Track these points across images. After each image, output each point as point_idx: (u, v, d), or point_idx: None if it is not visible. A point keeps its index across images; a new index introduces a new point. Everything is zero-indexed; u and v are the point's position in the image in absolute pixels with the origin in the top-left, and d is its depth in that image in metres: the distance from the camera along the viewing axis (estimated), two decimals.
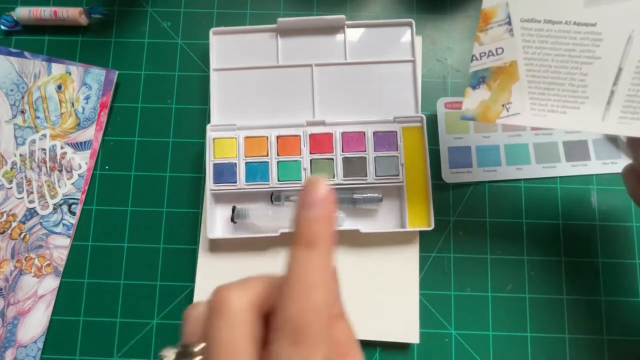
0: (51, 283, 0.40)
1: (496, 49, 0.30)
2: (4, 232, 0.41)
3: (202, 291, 0.39)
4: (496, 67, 0.30)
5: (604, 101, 0.29)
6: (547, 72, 0.29)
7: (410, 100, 0.41)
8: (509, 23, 0.29)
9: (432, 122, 0.43)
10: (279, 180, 0.39)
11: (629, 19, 0.27)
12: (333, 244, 0.20)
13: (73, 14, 0.43)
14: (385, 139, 0.40)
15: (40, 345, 0.39)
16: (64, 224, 0.41)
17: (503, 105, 0.30)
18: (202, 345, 0.20)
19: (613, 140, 0.42)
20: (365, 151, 0.40)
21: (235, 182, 0.39)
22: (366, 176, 0.39)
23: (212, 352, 0.19)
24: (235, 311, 0.19)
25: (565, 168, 0.41)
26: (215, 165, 0.40)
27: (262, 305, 0.20)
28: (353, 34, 0.42)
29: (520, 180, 0.42)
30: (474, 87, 0.30)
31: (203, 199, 0.41)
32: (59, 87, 0.43)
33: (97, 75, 0.43)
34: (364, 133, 0.40)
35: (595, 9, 0.28)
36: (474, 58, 0.30)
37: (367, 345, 0.39)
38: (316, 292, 0.18)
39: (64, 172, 0.42)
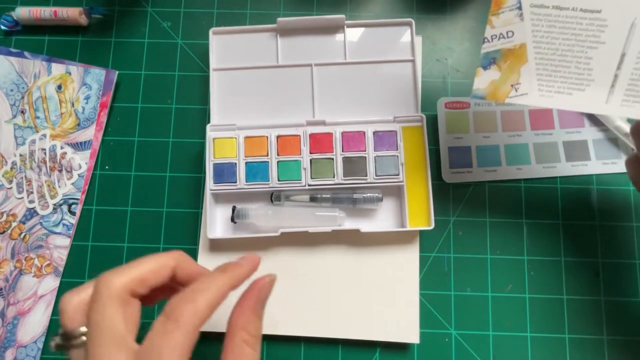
0: (51, 283, 0.40)
1: (507, 32, 0.31)
2: (4, 232, 0.41)
3: None
4: (506, 49, 0.31)
5: (608, 84, 0.30)
6: (554, 55, 0.30)
7: (410, 100, 0.41)
8: (520, 8, 0.30)
9: (432, 122, 0.43)
10: (279, 180, 0.39)
11: (632, 6, 0.29)
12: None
13: (73, 14, 0.43)
14: (385, 139, 0.40)
15: (40, 345, 0.39)
16: (64, 224, 0.41)
17: (512, 86, 0.31)
18: (84, 328, 0.23)
19: (611, 138, 0.42)
20: (365, 151, 0.40)
21: (235, 182, 0.39)
22: (366, 176, 0.39)
23: (89, 333, 0.21)
24: (109, 293, 0.22)
25: (565, 168, 0.41)
26: (215, 165, 0.40)
27: (141, 287, 0.24)
28: (353, 34, 0.42)
29: (520, 180, 0.42)
30: (484, 68, 0.32)
31: (203, 199, 0.41)
32: (59, 87, 0.43)
33: (97, 75, 0.43)
34: (364, 133, 0.40)
35: None
36: (486, 40, 0.31)
37: (367, 345, 0.39)
38: None
39: (63, 172, 0.42)
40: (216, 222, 0.40)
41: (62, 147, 0.43)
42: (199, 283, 0.24)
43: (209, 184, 0.39)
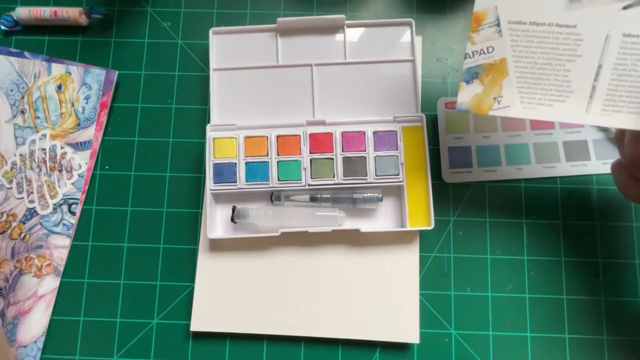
0: (51, 283, 0.40)
1: (487, 48, 0.32)
2: (4, 232, 0.41)
3: (202, 291, 0.39)
4: (487, 64, 0.32)
5: (586, 95, 0.31)
6: (534, 69, 0.32)
7: (410, 100, 0.41)
8: (498, 25, 0.32)
9: (432, 122, 0.43)
10: (279, 180, 0.39)
11: (606, 20, 0.30)
12: None
13: (73, 14, 0.43)
14: (385, 139, 0.40)
15: (41, 345, 0.39)
16: (64, 224, 0.41)
17: (495, 99, 0.32)
18: None
19: (611, 139, 0.42)
20: (365, 151, 0.40)
21: (235, 182, 0.39)
22: (366, 176, 0.39)
23: None
24: None
25: (565, 168, 0.41)
26: (215, 165, 0.40)
27: None
28: (353, 34, 0.42)
29: (520, 180, 0.42)
30: (467, 82, 0.33)
31: (203, 199, 0.41)
32: (59, 87, 0.43)
33: (97, 75, 0.43)
34: (364, 133, 0.40)
35: (575, 12, 0.30)
36: (467, 56, 0.32)
37: (367, 345, 0.39)
38: None
39: (63, 172, 0.42)
40: (216, 222, 0.40)
41: (62, 147, 0.43)
42: None
43: (209, 184, 0.39)
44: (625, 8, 0.30)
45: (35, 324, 0.40)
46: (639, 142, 0.32)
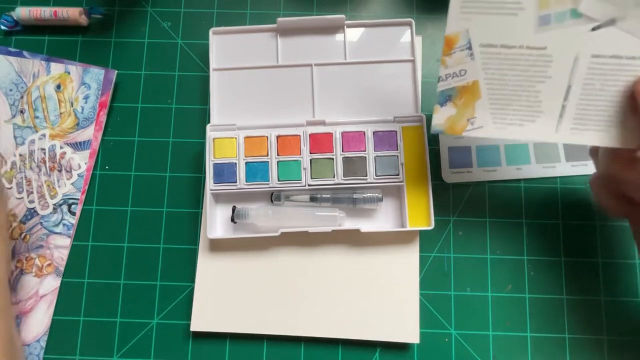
0: (52, 283, 0.40)
1: (459, 71, 0.33)
2: None
3: (202, 291, 0.39)
4: (460, 87, 0.33)
5: (556, 115, 0.32)
6: (505, 90, 0.32)
7: (410, 100, 0.41)
8: (470, 48, 0.32)
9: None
10: (279, 180, 0.39)
11: (574, 42, 0.30)
12: None
13: (73, 14, 0.43)
14: (385, 139, 0.40)
15: (43, 344, 0.39)
16: (64, 224, 0.41)
17: (468, 120, 0.33)
18: None
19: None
20: (365, 151, 0.40)
21: (235, 182, 0.39)
22: (366, 176, 0.39)
23: None
24: None
25: (565, 168, 0.41)
26: (215, 165, 0.40)
27: None
28: (353, 34, 0.42)
29: (520, 180, 0.42)
30: (441, 105, 0.34)
31: (203, 199, 0.41)
32: (58, 86, 0.43)
33: (96, 74, 0.43)
34: (364, 133, 0.40)
35: (544, 35, 0.31)
36: (441, 79, 0.33)
37: (367, 345, 0.39)
38: None
39: (63, 172, 0.42)
40: (216, 222, 0.40)
41: (61, 147, 0.43)
42: None
43: (209, 184, 0.39)
44: (593, 29, 0.30)
45: (37, 323, 0.40)
46: (611, 158, 0.33)
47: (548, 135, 0.32)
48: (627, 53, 0.30)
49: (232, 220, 0.39)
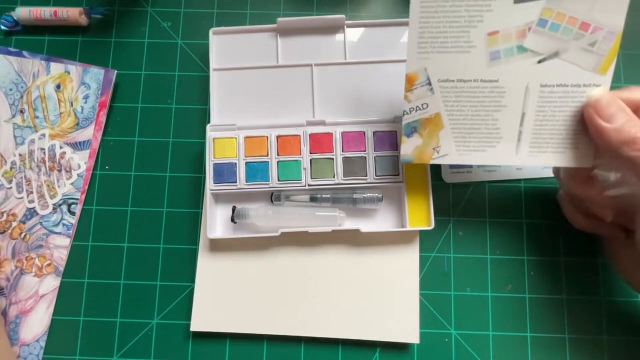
0: (52, 283, 0.40)
1: (422, 104, 0.35)
2: (5, 231, 0.41)
3: (202, 291, 0.39)
4: (424, 119, 0.35)
5: (514, 139, 0.34)
6: (465, 120, 0.35)
7: None
8: (429, 83, 0.34)
9: None
10: (279, 180, 0.39)
11: (523, 74, 0.33)
12: None
13: (73, 14, 0.43)
14: (385, 139, 0.40)
15: (43, 344, 0.39)
16: (63, 224, 0.41)
17: (434, 149, 0.36)
18: None
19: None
20: (365, 151, 0.40)
21: (235, 182, 0.39)
22: (366, 176, 0.39)
23: None
24: None
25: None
26: (215, 165, 0.40)
27: None
28: (353, 34, 0.42)
29: (520, 180, 0.42)
30: (408, 136, 0.36)
31: (203, 199, 0.41)
32: (58, 86, 0.43)
33: (95, 74, 0.43)
34: (364, 133, 0.40)
35: (496, 68, 0.33)
36: (405, 112, 0.35)
37: (367, 345, 0.39)
38: None
39: (63, 171, 0.42)
40: (216, 222, 0.40)
41: (61, 147, 0.43)
42: None
43: (209, 184, 0.39)
44: (539, 62, 0.33)
45: (37, 323, 0.40)
46: (570, 178, 0.36)
47: (509, 158, 0.35)
48: (572, 81, 0.33)
49: (232, 220, 0.39)
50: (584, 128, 0.33)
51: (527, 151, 0.34)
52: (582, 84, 0.33)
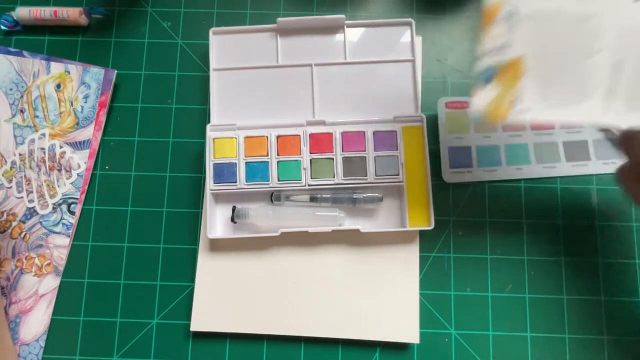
0: (52, 282, 0.40)
1: (502, 45, 0.29)
2: (4, 231, 0.41)
3: (202, 291, 0.39)
4: (502, 64, 0.29)
5: (606, 94, 0.29)
6: (553, 65, 0.29)
7: (410, 100, 0.41)
8: (514, 17, 0.29)
9: (433, 122, 0.43)
10: (279, 180, 0.39)
11: (627, 12, 0.28)
12: None
13: (73, 14, 0.43)
14: (385, 139, 0.40)
15: (42, 343, 0.39)
16: (63, 224, 0.41)
17: (511, 102, 0.30)
18: None
19: (612, 140, 0.41)
20: (365, 151, 0.40)
21: (235, 182, 0.39)
22: (366, 176, 0.39)
23: None
24: None
25: (565, 168, 0.41)
26: (215, 165, 0.40)
27: None
28: (353, 34, 0.42)
29: (520, 180, 0.42)
30: (481, 86, 0.30)
31: (203, 199, 0.41)
32: (58, 86, 0.43)
33: (95, 74, 0.43)
34: (364, 133, 0.40)
35: (594, 3, 0.28)
36: (480, 57, 0.30)
37: (367, 345, 0.39)
38: None
39: (63, 171, 0.42)
40: (216, 222, 0.40)
41: (61, 147, 0.43)
42: None
43: (209, 184, 0.39)
44: None
45: (36, 323, 0.40)
46: None
47: (597, 116, 0.29)
48: None
49: (232, 220, 0.39)
50: None
51: (618, 108, 0.29)
52: None
